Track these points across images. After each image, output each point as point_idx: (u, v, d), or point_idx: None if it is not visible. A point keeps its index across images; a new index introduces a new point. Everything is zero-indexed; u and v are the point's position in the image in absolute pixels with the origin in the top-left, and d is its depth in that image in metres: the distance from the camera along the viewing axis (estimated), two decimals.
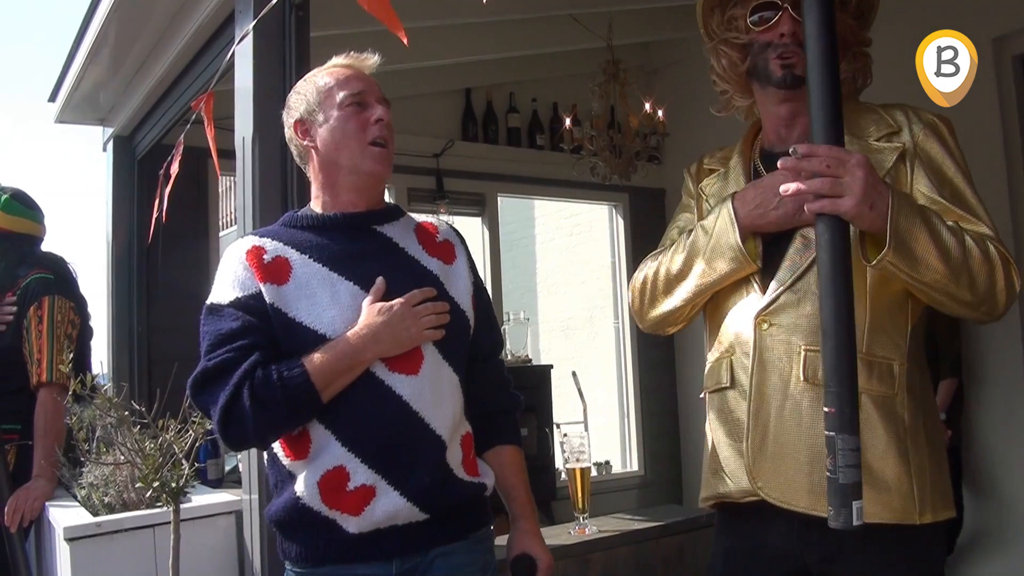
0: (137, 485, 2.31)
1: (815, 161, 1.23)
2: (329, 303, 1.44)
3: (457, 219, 4.32)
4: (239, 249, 1.50)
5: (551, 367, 4.63)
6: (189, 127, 2.13)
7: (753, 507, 1.45)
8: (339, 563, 1.43)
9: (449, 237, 1.64)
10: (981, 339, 3.67)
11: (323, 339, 1.42)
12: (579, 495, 2.54)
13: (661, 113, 3.84)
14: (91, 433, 2.51)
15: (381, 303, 1.44)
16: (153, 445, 2.02)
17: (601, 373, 5.38)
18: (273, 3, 1.74)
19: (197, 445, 2.08)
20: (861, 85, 1.56)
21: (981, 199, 1.40)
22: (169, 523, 1.98)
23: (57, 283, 2.85)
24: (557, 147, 4.42)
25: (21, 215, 2.89)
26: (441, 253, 1.60)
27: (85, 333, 2.94)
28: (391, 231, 1.57)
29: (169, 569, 1.94)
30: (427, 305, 1.48)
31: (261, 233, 1.55)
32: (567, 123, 3.87)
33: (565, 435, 2.61)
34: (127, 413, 2.12)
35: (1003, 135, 3.56)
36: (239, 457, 2.71)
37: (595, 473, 4.13)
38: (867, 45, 1.54)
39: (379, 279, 1.47)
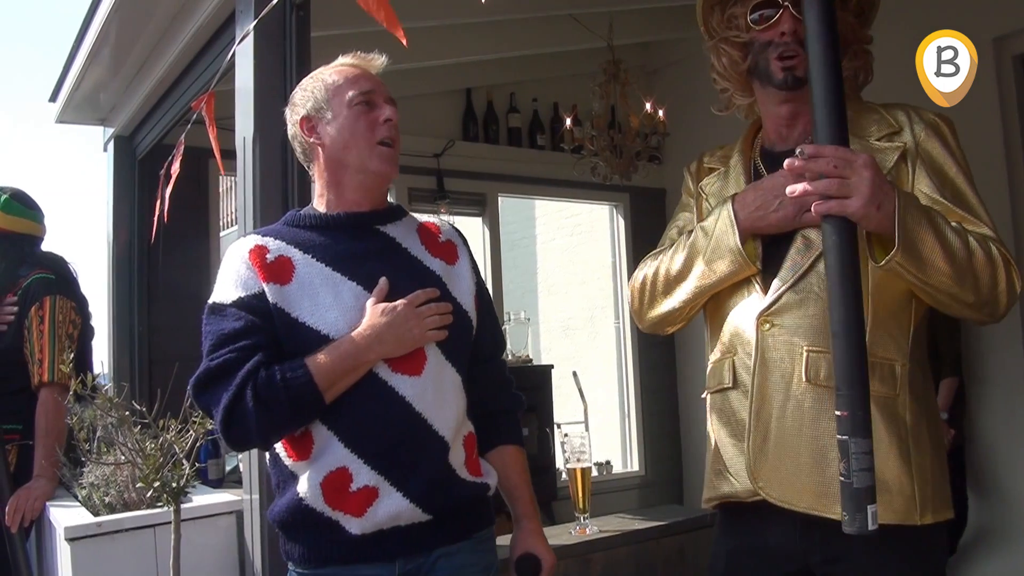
0: (138, 485, 2.31)
1: (822, 162, 1.22)
2: (332, 303, 1.44)
3: (458, 219, 4.32)
4: (242, 248, 1.49)
5: (552, 367, 4.63)
6: (190, 127, 2.13)
7: (755, 507, 1.44)
8: (342, 564, 1.43)
9: (452, 237, 1.64)
10: (982, 339, 3.66)
11: (326, 340, 1.41)
12: (580, 495, 2.54)
13: (662, 113, 3.84)
14: (92, 433, 2.51)
15: (384, 304, 1.44)
16: (154, 445, 2.02)
17: (602, 373, 5.38)
18: (274, 3, 1.74)
19: (198, 445, 2.09)
20: (863, 82, 1.56)
21: (982, 200, 1.40)
22: (170, 523, 1.98)
23: (58, 283, 2.85)
24: (558, 147, 4.41)
25: (21, 215, 2.89)
26: (444, 253, 1.60)
27: (86, 333, 2.94)
28: (394, 231, 1.57)
29: (170, 569, 1.94)
30: (430, 306, 1.47)
31: (264, 232, 1.54)
32: (568, 123, 3.87)
33: (566, 435, 2.61)
34: (128, 413, 2.12)
35: (1004, 135, 3.55)
36: (240, 457, 2.71)
37: (596, 473, 4.12)
38: (868, 43, 1.54)
39: (382, 279, 1.47)
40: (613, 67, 3.90)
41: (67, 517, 2.34)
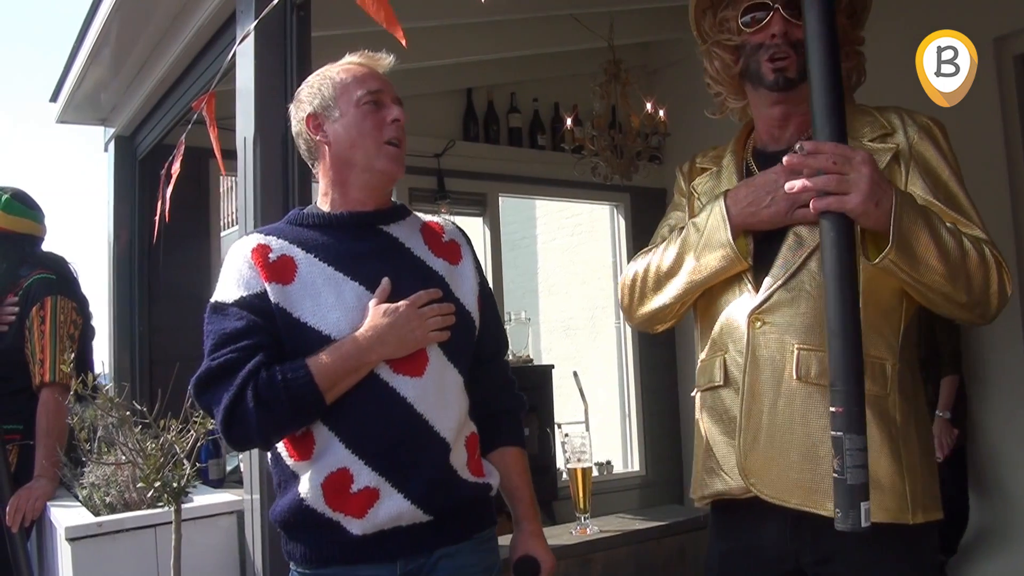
0: (138, 485, 2.31)
1: (821, 158, 1.23)
2: (334, 303, 1.43)
3: (458, 219, 4.28)
4: (244, 247, 1.48)
5: (552, 367, 4.63)
6: (190, 127, 2.14)
7: (747, 506, 1.45)
8: (343, 564, 1.43)
9: (455, 237, 1.63)
10: (983, 339, 3.66)
11: (328, 340, 1.41)
12: (580, 495, 2.54)
13: (662, 113, 3.84)
14: (93, 433, 2.51)
15: (387, 304, 1.43)
16: (154, 445, 2.02)
17: (602, 373, 5.38)
18: (274, 3, 1.75)
19: (198, 445, 2.09)
20: (856, 83, 1.56)
21: (974, 202, 1.40)
22: (170, 523, 1.98)
23: (59, 283, 2.85)
24: (558, 147, 4.42)
25: (22, 215, 2.89)
26: (447, 253, 1.59)
27: (87, 333, 2.94)
28: (397, 231, 1.56)
29: (171, 569, 1.94)
30: (433, 307, 1.47)
31: (266, 231, 1.53)
32: (568, 123, 3.88)
33: (566, 435, 2.61)
34: (128, 413, 2.12)
35: (1004, 135, 3.55)
36: (241, 457, 2.71)
37: (596, 473, 4.12)
38: (860, 44, 1.54)
39: (385, 280, 1.46)
40: (614, 67, 3.90)
41: (68, 517, 2.34)
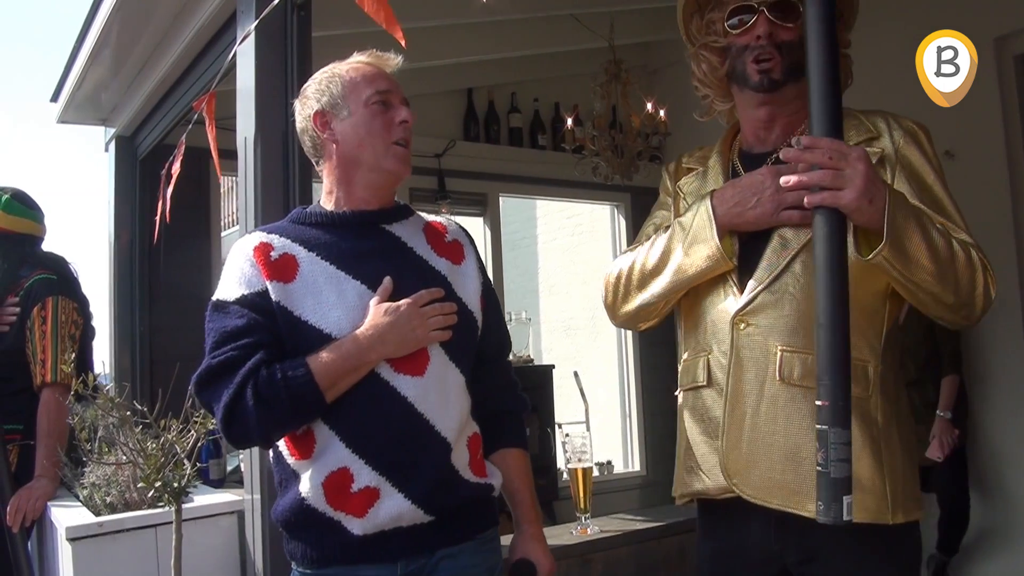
0: (139, 485, 2.31)
1: (817, 153, 1.24)
2: (335, 302, 1.43)
3: (459, 219, 4.29)
4: (246, 245, 1.48)
5: (553, 367, 4.63)
6: (191, 127, 2.14)
7: (731, 506, 1.46)
8: (344, 564, 1.42)
9: (458, 237, 1.63)
10: (984, 339, 3.66)
11: (328, 339, 1.41)
12: (581, 495, 2.54)
13: (663, 113, 3.84)
14: (93, 433, 2.51)
15: (388, 303, 1.43)
16: (155, 445, 2.02)
17: (603, 373, 5.38)
18: (275, 3, 1.75)
19: (199, 445, 2.09)
20: (843, 85, 1.57)
21: (958, 207, 1.42)
22: (171, 523, 1.98)
23: (60, 284, 2.85)
24: (559, 147, 4.41)
25: (22, 215, 2.89)
26: (450, 253, 1.59)
27: (87, 333, 2.94)
28: (400, 230, 1.56)
29: (171, 569, 1.94)
30: (435, 306, 1.47)
31: (269, 229, 1.53)
32: (569, 123, 3.88)
33: (567, 435, 2.61)
34: (129, 413, 2.12)
35: (1005, 135, 3.55)
36: (241, 457, 2.71)
37: (597, 473, 4.12)
38: (846, 47, 1.54)
39: (386, 279, 1.46)
40: (614, 67, 3.90)
41: (68, 517, 2.34)
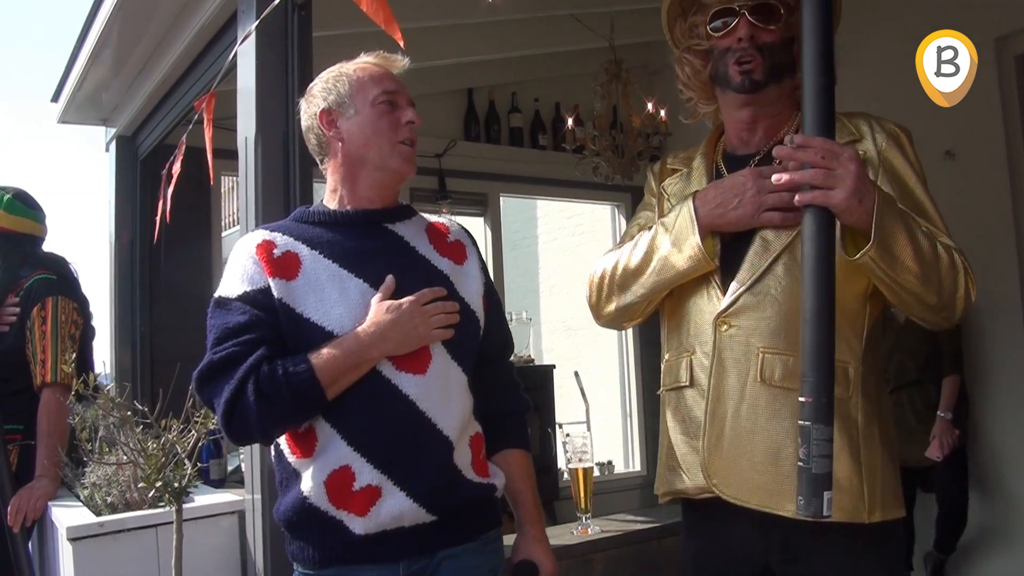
0: (140, 485, 2.31)
1: (809, 152, 1.25)
2: (338, 300, 1.44)
3: (459, 219, 4.30)
4: (249, 243, 1.49)
5: (554, 367, 4.63)
6: (191, 127, 2.14)
7: (712, 506, 1.47)
8: (345, 564, 1.42)
9: (460, 237, 1.64)
10: (984, 339, 3.66)
11: (330, 336, 1.41)
12: (582, 495, 2.54)
13: (663, 113, 3.84)
14: (94, 433, 2.51)
15: (390, 301, 1.44)
16: (156, 445, 2.02)
17: (603, 373, 5.38)
18: (275, 3, 1.75)
19: (200, 445, 2.09)
20: None
21: (939, 210, 1.43)
22: (172, 523, 1.98)
23: (60, 284, 2.85)
24: (559, 147, 4.41)
25: (24, 215, 2.89)
26: (452, 253, 1.59)
27: (88, 333, 2.94)
28: (403, 230, 1.56)
29: (172, 569, 1.94)
30: (436, 304, 1.47)
31: (272, 227, 1.54)
32: (569, 123, 3.88)
33: (568, 435, 2.61)
34: (130, 413, 2.12)
35: (1005, 135, 3.54)
36: (242, 457, 2.71)
37: (598, 473, 4.11)
38: None
39: (389, 277, 1.46)
40: (615, 67, 3.90)
41: (69, 517, 2.34)
